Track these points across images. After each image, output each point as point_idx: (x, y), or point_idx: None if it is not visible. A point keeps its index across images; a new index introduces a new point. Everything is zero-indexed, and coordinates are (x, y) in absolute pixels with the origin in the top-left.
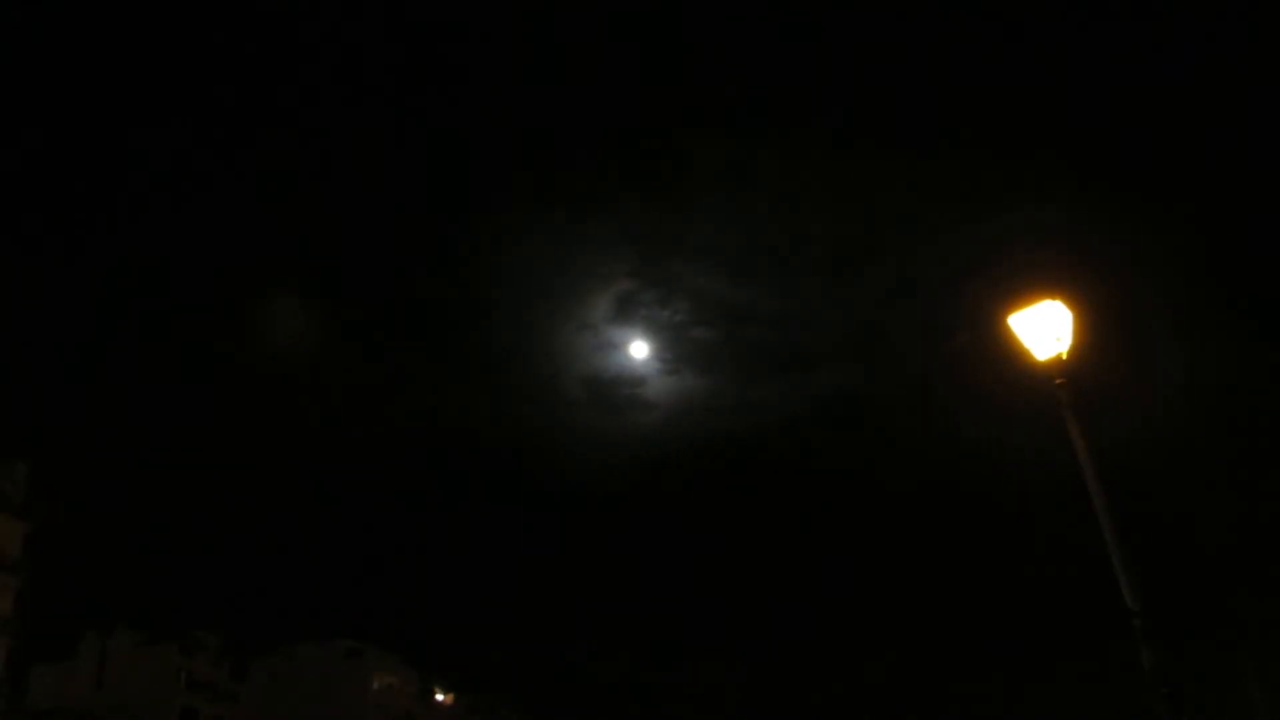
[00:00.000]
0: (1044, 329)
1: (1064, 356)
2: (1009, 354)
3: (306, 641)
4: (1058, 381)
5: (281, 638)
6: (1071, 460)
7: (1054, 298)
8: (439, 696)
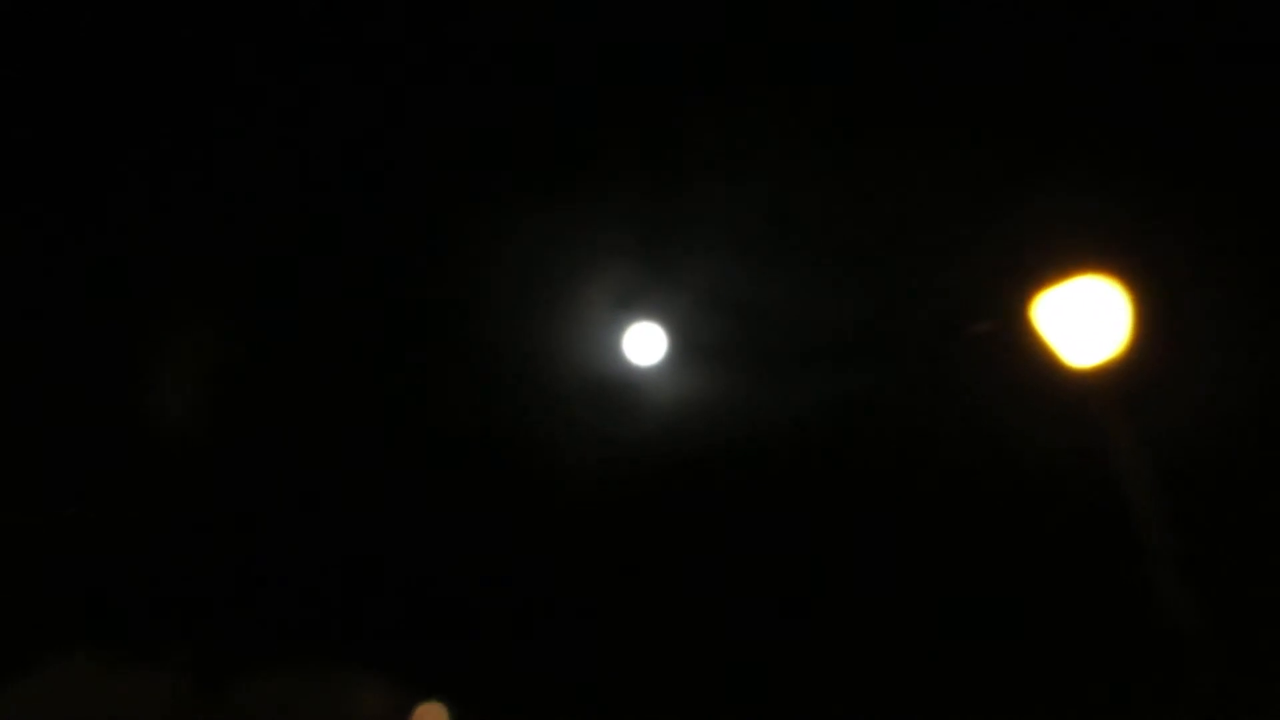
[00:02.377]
0: (1089, 317)
1: (1111, 349)
2: (1048, 347)
3: (288, 656)
4: (1102, 377)
5: (262, 652)
6: (1116, 465)
7: (1099, 280)
8: (427, 714)
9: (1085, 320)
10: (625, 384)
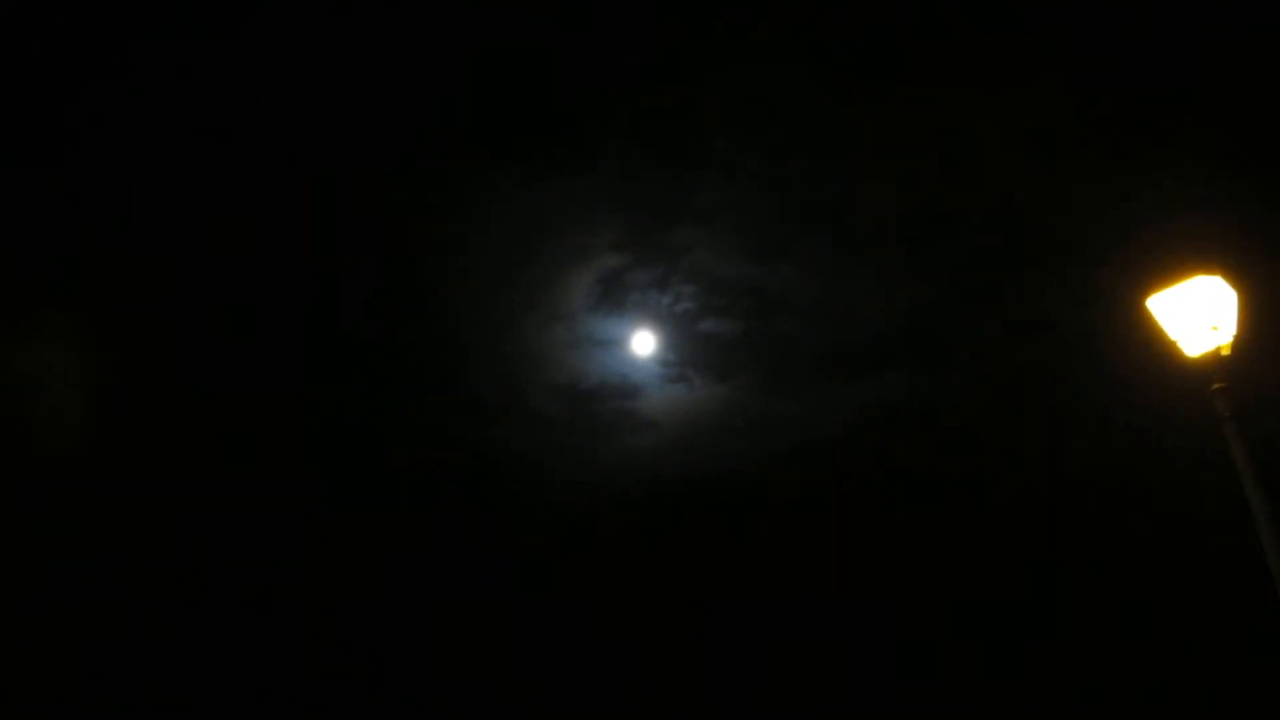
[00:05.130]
0: (1197, 315)
1: (1224, 351)
2: (1144, 350)
3: None
4: (1215, 387)
5: None
6: (1232, 489)
7: (1209, 274)
8: None
9: (1201, 316)
10: (621, 392)
